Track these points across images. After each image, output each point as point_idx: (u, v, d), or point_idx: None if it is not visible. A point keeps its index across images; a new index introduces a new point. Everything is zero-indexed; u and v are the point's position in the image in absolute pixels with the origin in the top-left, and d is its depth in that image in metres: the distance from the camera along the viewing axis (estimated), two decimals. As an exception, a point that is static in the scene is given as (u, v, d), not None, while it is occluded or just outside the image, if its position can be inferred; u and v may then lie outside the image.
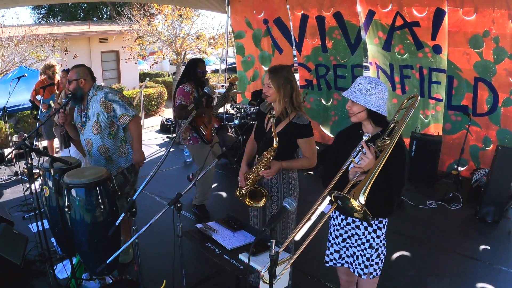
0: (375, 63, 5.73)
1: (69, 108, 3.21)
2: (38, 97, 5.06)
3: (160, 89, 11.41)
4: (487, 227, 3.99)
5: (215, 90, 7.38)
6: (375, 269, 2.03)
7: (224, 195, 4.88)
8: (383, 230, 2.02)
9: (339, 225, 2.12)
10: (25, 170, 2.69)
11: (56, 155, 5.22)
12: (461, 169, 5.04)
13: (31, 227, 3.66)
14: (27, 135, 3.01)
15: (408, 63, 5.32)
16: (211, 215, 4.09)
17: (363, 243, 2.02)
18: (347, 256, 2.13)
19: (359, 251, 2.04)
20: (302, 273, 3.09)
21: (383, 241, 2.04)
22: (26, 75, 5.50)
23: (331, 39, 5.99)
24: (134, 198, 2.04)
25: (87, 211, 2.52)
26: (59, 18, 20.36)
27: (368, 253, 2.02)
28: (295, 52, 6.80)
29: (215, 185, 4.97)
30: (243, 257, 1.94)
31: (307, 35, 6.28)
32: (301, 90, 6.33)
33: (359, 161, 1.77)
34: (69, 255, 2.72)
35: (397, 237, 3.61)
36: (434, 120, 5.39)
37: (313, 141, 2.45)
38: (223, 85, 7.77)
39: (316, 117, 6.47)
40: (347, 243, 2.10)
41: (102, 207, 2.54)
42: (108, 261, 1.91)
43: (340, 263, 2.16)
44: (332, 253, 2.18)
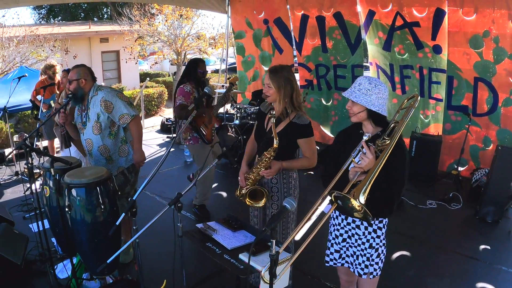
0: (375, 63, 5.73)
1: (70, 108, 3.21)
2: (38, 97, 5.05)
3: (160, 89, 11.42)
4: (487, 227, 3.99)
5: (215, 90, 7.39)
6: (375, 269, 2.03)
7: (224, 195, 4.89)
8: (383, 230, 2.02)
9: (339, 225, 2.13)
10: (25, 170, 2.69)
11: (56, 155, 5.23)
12: (461, 169, 5.04)
13: (31, 227, 3.67)
14: (27, 135, 3.02)
15: (408, 63, 5.33)
16: (211, 215, 4.09)
17: (363, 243, 2.02)
18: (347, 256, 2.13)
19: (359, 251, 2.05)
20: (302, 273, 3.10)
21: (383, 241, 2.04)
22: (26, 75, 5.49)
23: (331, 39, 5.99)
24: (134, 198, 2.04)
25: (88, 211, 2.52)
26: (59, 18, 20.37)
27: (368, 253, 2.02)
28: (295, 52, 6.79)
29: (215, 185, 4.97)
30: (243, 257, 1.94)
31: (307, 35, 6.28)
32: (301, 90, 6.33)
33: (359, 161, 1.78)
34: (69, 255, 2.72)
35: (397, 237, 3.61)
36: (434, 120, 5.39)
37: (313, 141, 2.46)
38: (223, 85, 7.79)
39: (316, 117, 6.47)
40: (347, 243, 2.11)
41: (102, 207, 2.54)
42: (108, 261, 1.91)
43: (340, 263, 2.16)
44: (332, 253, 2.19)
